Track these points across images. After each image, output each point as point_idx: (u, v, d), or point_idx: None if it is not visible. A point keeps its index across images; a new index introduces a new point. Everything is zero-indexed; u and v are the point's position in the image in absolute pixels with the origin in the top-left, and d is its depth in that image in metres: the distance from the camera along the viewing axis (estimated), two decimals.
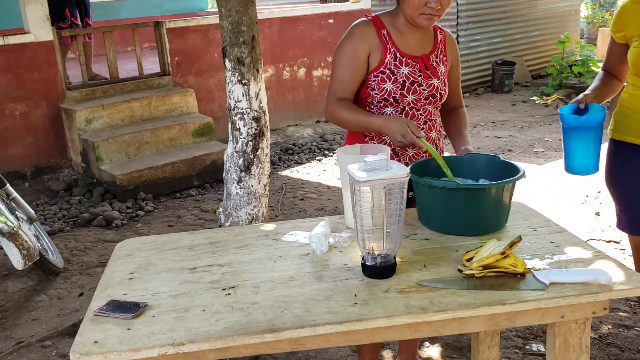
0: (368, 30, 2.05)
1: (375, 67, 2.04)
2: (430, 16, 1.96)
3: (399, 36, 2.06)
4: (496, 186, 1.69)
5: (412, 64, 2.06)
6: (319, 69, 7.34)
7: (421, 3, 1.93)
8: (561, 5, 10.70)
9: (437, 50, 2.12)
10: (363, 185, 1.41)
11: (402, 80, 2.03)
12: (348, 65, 2.05)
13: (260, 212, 3.34)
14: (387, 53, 2.04)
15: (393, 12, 2.09)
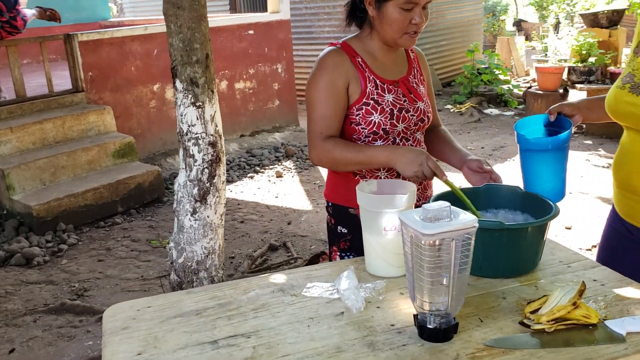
0: (342, 60, 1.84)
1: (357, 100, 1.85)
2: (414, 34, 1.81)
3: (374, 61, 1.88)
4: (537, 224, 1.55)
5: (394, 89, 1.88)
6: (241, 81, 7.06)
7: (405, 22, 1.76)
8: (465, 15, 11.07)
9: (414, 70, 1.97)
10: (429, 238, 1.21)
11: (390, 109, 1.85)
12: (328, 100, 1.83)
13: (217, 244, 3.07)
14: (367, 82, 1.85)
15: (361, 36, 1.89)
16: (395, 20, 1.76)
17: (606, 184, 4.83)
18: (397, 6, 1.75)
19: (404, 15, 1.75)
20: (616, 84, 1.68)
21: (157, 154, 6.15)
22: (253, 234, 4.45)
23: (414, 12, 1.75)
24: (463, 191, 1.80)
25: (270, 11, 7.44)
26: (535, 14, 19.59)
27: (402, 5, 1.74)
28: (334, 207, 2.01)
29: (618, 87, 1.65)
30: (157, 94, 6.17)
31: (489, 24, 16.09)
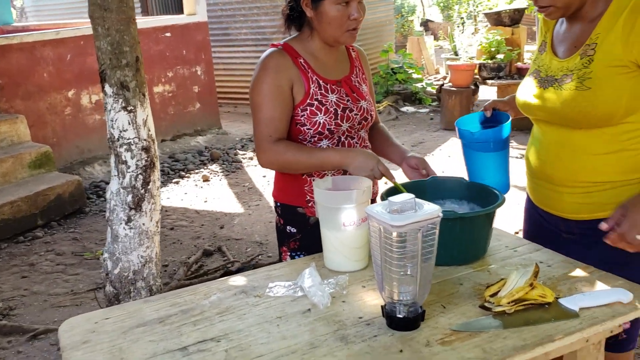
0: (284, 61, 1.86)
1: (301, 100, 1.86)
2: (354, 30, 1.84)
3: (316, 62, 1.90)
4: (488, 211, 1.63)
5: (337, 89, 1.91)
6: (160, 85, 6.90)
7: (344, 19, 1.79)
8: (378, 16, 11.30)
9: (356, 69, 2.00)
10: (398, 230, 1.25)
11: (334, 109, 1.88)
12: (274, 101, 1.83)
13: (154, 252, 2.99)
14: (311, 82, 1.87)
15: (302, 37, 1.91)
16: (334, 17, 1.78)
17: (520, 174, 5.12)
18: (334, 3, 1.77)
19: (341, 11, 1.78)
20: (524, 80, 1.82)
21: (75, 163, 5.90)
22: (185, 240, 4.36)
23: (351, 7, 1.78)
24: (410, 184, 1.87)
25: (186, 13, 7.31)
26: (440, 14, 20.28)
27: (338, 1, 1.77)
28: (282, 207, 2.02)
29: (526, 83, 1.79)
30: (72, 101, 5.92)
31: (398, 25, 16.52)
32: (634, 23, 1.51)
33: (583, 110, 1.58)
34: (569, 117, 1.62)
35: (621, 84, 1.54)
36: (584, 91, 1.57)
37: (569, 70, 1.63)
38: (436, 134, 7.43)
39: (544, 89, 1.70)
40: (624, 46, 1.51)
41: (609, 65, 1.54)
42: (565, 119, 1.64)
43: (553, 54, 1.73)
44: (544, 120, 1.73)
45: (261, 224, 4.60)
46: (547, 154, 1.73)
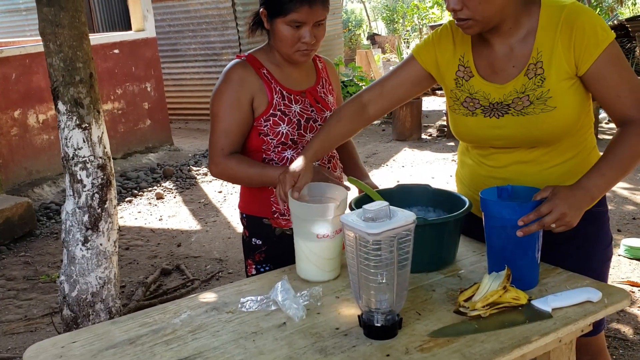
0: (247, 73, 1.86)
1: (264, 111, 1.86)
2: (307, 52, 1.83)
3: (280, 73, 1.90)
4: (457, 217, 1.64)
5: (301, 100, 1.91)
6: (109, 102, 6.75)
7: (294, 40, 1.78)
8: (327, 30, 11.39)
9: (322, 80, 2.00)
10: (374, 238, 1.24)
11: (297, 120, 1.88)
12: (231, 114, 1.84)
13: (112, 273, 2.90)
14: (274, 93, 1.87)
15: (266, 48, 1.92)
16: (284, 37, 1.78)
17: None
18: (285, 24, 1.76)
19: (292, 33, 1.77)
20: (460, 112, 1.69)
21: (23, 185, 5.69)
22: (141, 260, 4.25)
23: (303, 31, 1.76)
24: (377, 192, 1.87)
25: (135, 29, 7.20)
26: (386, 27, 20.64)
27: (288, 23, 1.76)
28: (248, 218, 2.00)
29: (467, 115, 1.67)
30: (18, 121, 5.73)
31: (346, 39, 16.71)
32: (570, 34, 1.52)
33: (551, 130, 1.59)
34: (534, 138, 1.62)
35: (574, 94, 1.58)
36: (550, 112, 1.57)
37: (519, 93, 1.58)
38: (389, 144, 7.51)
39: (498, 117, 1.62)
40: (567, 58, 1.54)
41: (561, 79, 1.56)
42: (530, 141, 1.63)
43: (483, 79, 1.63)
44: (502, 147, 1.68)
45: (219, 240, 4.54)
46: (508, 175, 1.70)
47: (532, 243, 1.50)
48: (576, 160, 1.67)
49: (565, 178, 1.64)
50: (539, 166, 1.67)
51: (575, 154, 1.67)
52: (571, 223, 1.45)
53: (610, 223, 1.80)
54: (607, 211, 1.78)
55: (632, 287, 3.46)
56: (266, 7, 1.80)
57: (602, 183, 1.51)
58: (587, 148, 1.70)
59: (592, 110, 1.69)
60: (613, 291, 1.49)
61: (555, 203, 1.44)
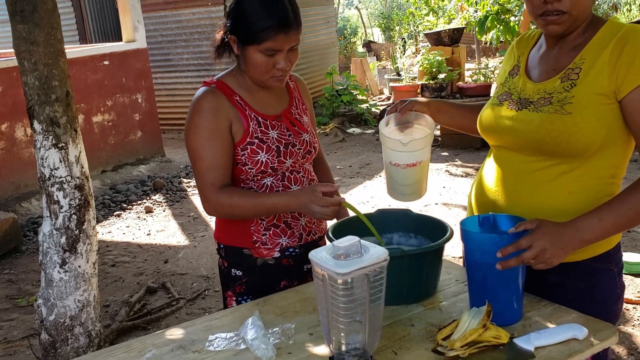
0: (219, 101, 1.75)
1: (241, 139, 1.76)
2: (282, 77, 1.74)
3: (253, 98, 1.81)
4: (436, 247, 1.57)
5: (277, 124, 1.82)
6: (99, 114, 6.68)
7: (269, 67, 1.70)
8: (321, 39, 11.37)
9: (295, 101, 1.92)
10: (343, 277, 1.17)
11: (276, 146, 1.79)
12: (213, 147, 1.72)
13: (92, 295, 2.83)
14: (249, 120, 1.77)
15: (235, 72, 1.82)
16: (258, 64, 1.70)
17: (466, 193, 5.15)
18: (259, 51, 1.67)
19: (266, 60, 1.68)
20: (491, 102, 1.71)
21: (10, 199, 5.61)
22: (127, 277, 4.17)
23: (278, 57, 1.68)
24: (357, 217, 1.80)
25: (125, 40, 7.13)
26: (382, 35, 20.62)
27: (263, 51, 1.67)
28: (226, 249, 1.91)
29: (494, 105, 1.68)
30: (6, 134, 5.65)
31: (341, 47, 16.68)
32: (621, 51, 1.42)
33: (559, 136, 1.46)
34: (543, 141, 1.49)
35: (603, 113, 1.44)
36: (563, 115, 1.46)
37: (546, 93, 1.52)
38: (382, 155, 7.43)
39: (518, 110, 1.57)
40: (609, 75, 1.42)
41: (592, 92, 1.44)
42: (537, 143, 1.51)
43: (527, 77, 1.62)
44: (509, 146, 1.61)
45: (207, 256, 4.46)
46: (504, 187, 1.62)
47: (515, 276, 1.43)
48: (583, 196, 1.51)
49: (566, 209, 1.51)
50: (539, 185, 1.54)
51: (585, 187, 1.51)
52: (551, 261, 1.37)
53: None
54: (612, 269, 1.57)
55: (626, 305, 3.39)
56: (236, 33, 1.71)
57: (597, 228, 1.40)
58: (603, 191, 1.51)
59: (627, 160, 1.55)
60: (600, 327, 1.41)
61: (536, 237, 1.36)
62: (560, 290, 1.57)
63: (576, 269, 1.54)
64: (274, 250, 1.86)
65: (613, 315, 1.61)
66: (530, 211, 1.55)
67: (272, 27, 1.64)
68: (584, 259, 1.54)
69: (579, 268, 1.54)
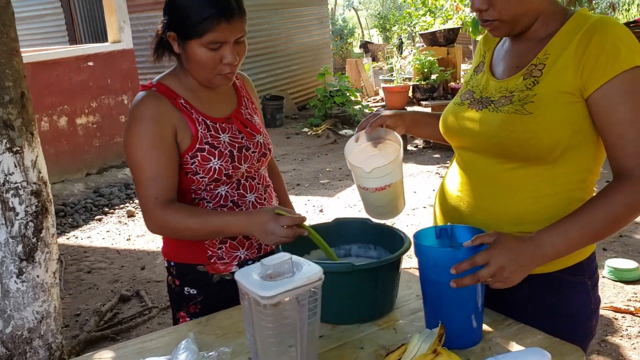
0: (161, 105, 1.58)
1: (189, 147, 1.61)
2: (230, 73, 1.59)
3: (199, 100, 1.65)
4: (391, 260, 1.44)
5: (228, 127, 1.68)
6: (83, 116, 6.55)
7: (215, 62, 1.55)
8: (314, 39, 11.26)
9: (244, 100, 1.78)
10: (269, 301, 1.04)
11: (229, 151, 1.64)
12: (157, 157, 1.56)
13: (52, 306, 2.70)
14: (197, 125, 1.62)
15: (177, 73, 1.66)
16: (202, 60, 1.55)
17: None
18: (201, 45, 1.53)
19: (211, 55, 1.54)
20: (454, 101, 1.58)
21: None
22: (102, 284, 4.04)
23: (224, 51, 1.54)
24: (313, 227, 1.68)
25: (111, 41, 7.01)
26: (379, 35, 20.50)
27: (206, 45, 1.53)
28: (177, 266, 1.75)
29: (456, 104, 1.55)
30: None
31: (337, 47, 16.56)
32: (587, 45, 1.28)
33: (520, 138, 1.33)
34: (502, 144, 1.37)
35: (567, 113, 1.31)
36: (524, 115, 1.33)
37: (508, 92, 1.39)
38: None
39: (478, 110, 1.45)
40: (574, 71, 1.29)
41: (556, 89, 1.31)
42: (497, 146, 1.39)
43: (490, 74, 1.50)
44: (471, 148, 1.49)
45: None
46: (467, 192, 1.49)
47: (472, 294, 1.30)
48: (550, 200, 1.38)
49: (531, 217, 1.39)
50: (502, 191, 1.41)
51: (551, 192, 1.38)
52: (511, 280, 1.23)
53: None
54: (585, 282, 1.43)
55: (615, 314, 3.25)
56: (174, 29, 1.56)
57: (561, 242, 1.26)
58: (572, 197, 1.38)
59: (600, 162, 1.41)
60: (566, 350, 1.28)
61: (493, 253, 1.22)
62: (529, 305, 1.44)
63: (545, 282, 1.41)
64: (231, 264, 1.72)
65: (587, 332, 1.48)
66: (493, 218, 1.42)
67: (213, 16, 1.50)
68: (553, 271, 1.41)
69: (548, 281, 1.41)
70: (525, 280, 1.27)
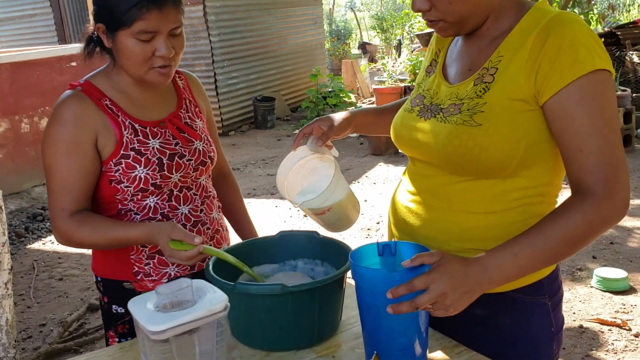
0: (83, 108, 1.46)
1: (113, 153, 1.48)
2: (165, 68, 1.46)
3: (129, 101, 1.53)
4: (331, 280, 1.29)
5: (160, 132, 1.54)
6: None
7: (146, 55, 1.42)
8: (308, 40, 11.11)
9: (185, 102, 1.63)
10: (158, 336, 0.90)
11: (157, 159, 1.50)
12: (70, 165, 1.45)
13: (4, 319, 2.56)
14: (123, 129, 1.49)
15: (108, 71, 1.54)
16: (133, 53, 1.42)
17: None
18: (131, 36, 1.40)
19: (142, 46, 1.41)
20: (404, 107, 1.43)
21: None
22: (72, 292, 3.90)
23: (157, 42, 1.42)
24: (255, 241, 1.55)
25: None
26: (378, 36, 20.35)
27: (136, 35, 1.40)
28: (104, 282, 1.62)
29: (406, 111, 1.40)
30: None
31: (334, 48, 16.41)
32: (542, 46, 1.14)
33: (467, 153, 1.19)
34: (449, 159, 1.23)
35: (521, 123, 1.17)
36: (472, 127, 1.18)
37: (458, 99, 1.25)
38: (364, 159, 7.17)
39: (425, 119, 1.31)
40: (528, 75, 1.15)
41: (508, 97, 1.17)
42: (446, 160, 1.25)
43: (442, 77, 1.35)
44: (420, 159, 1.36)
45: None
46: (417, 204, 1.36)
47: (414, 318, 1.15)
48: (503, 217, 1.24)
49: (481, 234, 1.25)
50: (452, 206, 1.28)
51: (504, 208, 1.24)
52: (453, 308, 1.08)
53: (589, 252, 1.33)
54: (545, 303, 1.29)
55: (601, 327, 3.10)
56: (102, 20, 1.44)
57: (509, 266, 1.10)
58: (529, 212, 1.24)
59: (561, 175, 1.26)
60: None
61: (434, 278, 1.07)
62: (482, 327, 1.30)
63: (500, 302, 1.27)
64: (160, 282, 1.58)
65: (547, 358, 1.33)
66: (442, 232, 1.29)
67: (142, 2, 1.37)
68: (508, 290, 1.26)
69: (503, 301, 1.27)
70: (477, 299, 1.13)
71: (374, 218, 5.00)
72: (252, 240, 1.58)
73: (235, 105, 9.08)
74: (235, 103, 9.06)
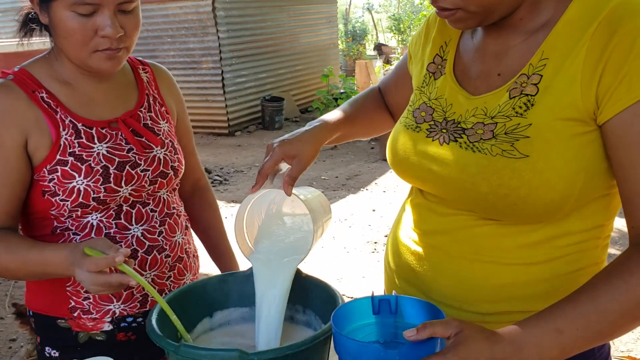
0: (12, 101, 1.17)
1: (47, 158, 1.19)
2: (112, 52, 1.16)
3: (72, 94, 1.23)
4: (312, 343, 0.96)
5: (109, 134, 1.24)
6: None
7: (87, 34, 1.13)
8: (321, 39, 10.81)
9: (148, 99, 1.34)
10: None
11: (103, 167, 1.21)
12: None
13: None
14: (61, 128, 1.20)
15: (50, 57, 1.25)
16: (69, 29, 1.13)
17: None
18: (68, 9, 1.11)
19: (80, 21, 1.12)
20: (405, 122, 1.08)
21: None
22: None
23: (100, 18, 1.12)
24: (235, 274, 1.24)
25: None
26: (394, 37, 20.04)
27: (73, 7, 1.11)
28: (36, 317, 1.32)
29: (408, 127, 1.06)
30: None
31: (349, 49, 16.11)
32: (606, 46, 0.83)
33: (512, 194, 0.88)
34: (485, 201, 0.91)
35: (576, 153, 0.87)
36: (516, 160, 0.87)
37: (487, 116, 0.94)
38: (374, 165, 6.84)
39: (441, 143, 0.98)
40: (586, 84, 0.85)
41: (559, 116, 0.87)
42: (474, 203, 0.93)
43: (455, 80, 1.03)
44: (436, 194, 1.03)
45: None
46: (428, 247, 1.04)
47: None
48: (549, 270, 0.93)
49: (518, 292, 0.94)
50: (479, 256, 0.96)
51: (552, 257, 0.94)
52: None
53: None
54: None
55: None
56: None
57: (551, 344, 0.78)
58: (581, 261, 0.94)
59: (615, 212, 0.96)
60: None
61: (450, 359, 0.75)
62: None
63: None
64: (102, 321, 1.28)
65: None
66: (463, 288, 0.97)
67: None
68: None
69: None
70: None
71: (382, 230, 4.67)
72: (218, 277, 1.25)
73: (243, 105, 8.79)
74: (242, 102, 8.77)
